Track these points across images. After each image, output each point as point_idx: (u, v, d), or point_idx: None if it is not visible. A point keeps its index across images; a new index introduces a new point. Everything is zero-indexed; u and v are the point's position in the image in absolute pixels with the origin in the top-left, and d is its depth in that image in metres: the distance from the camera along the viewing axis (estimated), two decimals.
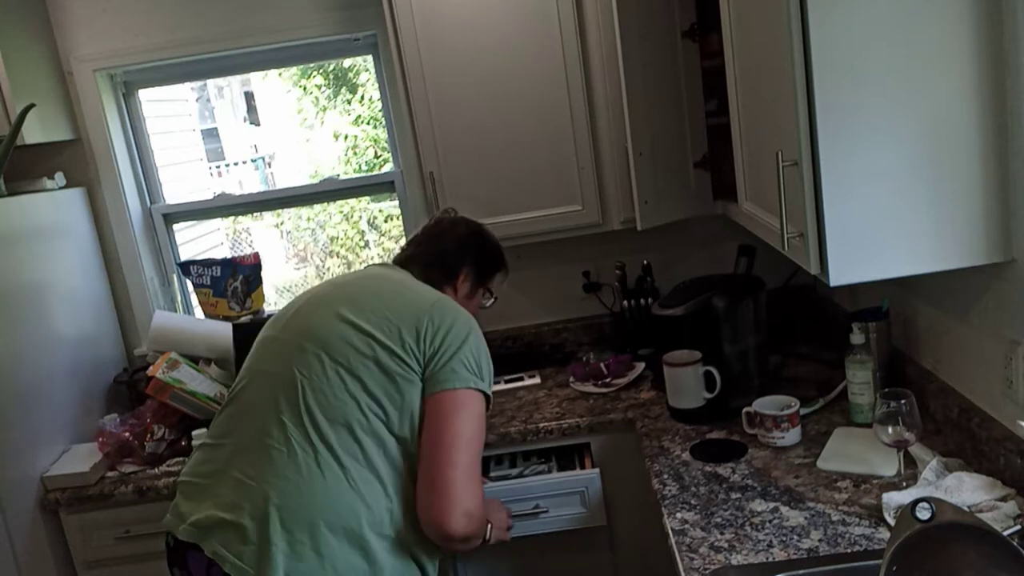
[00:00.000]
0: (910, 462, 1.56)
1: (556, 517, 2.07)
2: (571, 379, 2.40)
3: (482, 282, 1.82)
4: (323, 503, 1.40)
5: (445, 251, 1.76)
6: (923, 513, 1.15)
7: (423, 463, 1.46)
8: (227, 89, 8.38)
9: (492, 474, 2.15)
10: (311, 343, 1.52)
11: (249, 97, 8.73)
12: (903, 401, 1.46)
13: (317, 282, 1.83)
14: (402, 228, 2.82)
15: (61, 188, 2.55)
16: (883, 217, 1.33)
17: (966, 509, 1.26)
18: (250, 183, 7.78)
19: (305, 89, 7.47)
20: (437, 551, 1.53)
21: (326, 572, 1.38)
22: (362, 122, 7.05)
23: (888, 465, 1.58)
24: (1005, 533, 1.19)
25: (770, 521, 1.48)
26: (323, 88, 7.42)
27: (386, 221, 6.77)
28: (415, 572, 1.50)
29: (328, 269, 7.09)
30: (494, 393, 2.19)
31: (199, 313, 2.81)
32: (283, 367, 1.52)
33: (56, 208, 2.47)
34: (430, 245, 1.77)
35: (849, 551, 1.35)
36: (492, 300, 1.86)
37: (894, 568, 1.13)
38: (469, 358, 1.51)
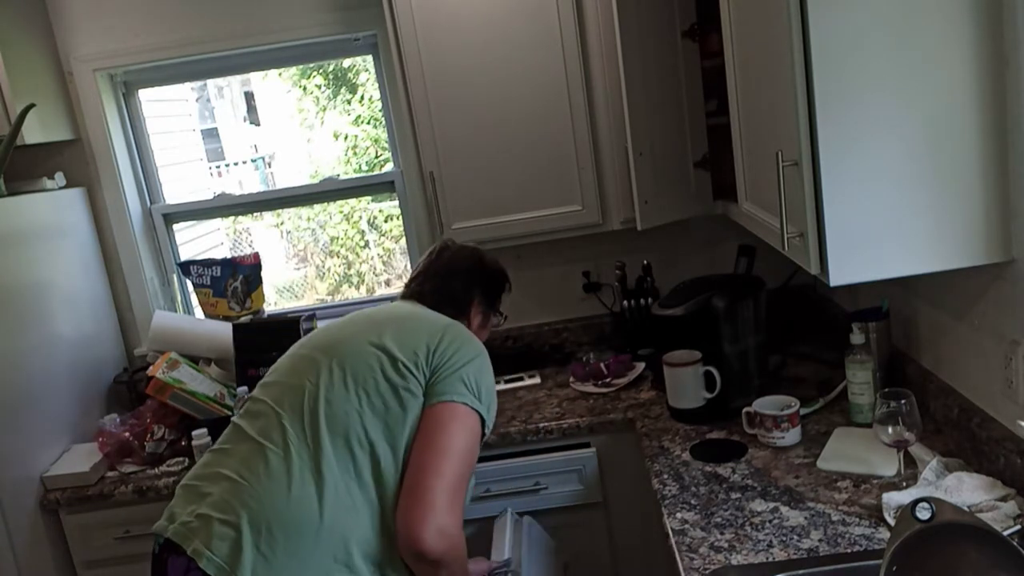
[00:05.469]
0: (910, 462, 1.56)
1: (555, 493, 2.13)
2: (571, 379, 2.40)
3: (492, 308, 1.85)
4: (308, 509, 1.39)
5: (453, 288, 1.77)
6: (923, 513, 1.15)
7: (410, 469, 1.45)
8: (227, 89, 8.37)
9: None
10: (324, 355, 1.56)
11: (249, 97, 8.71)
12: (903, 401, 1.46)
13: (317, 282, 1.85)
14: (402, 228, 2.82)
15: (61, 188, 2.56)
16: (883, 217, 1.34)
17: (966, 509, 1.26)
18: (250, 183, 7.77)
19: (305, 89, 7.46)
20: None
21: None
22: (362, 122, 7.04)
23: (888, 465, 1.58)
24: (1005, 533, 1.19)
25: (770, 521, 1.48)
26: (323, 88, 7.41)
27: (386, 221, 6.76)
28: None
29: (328, 269, 7.09)
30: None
31: (199, 313, 2.81)
32: (294, 377, 1.55)
33: (56, 208, 2.47)
34: (436, 282, 1.78)
35: (849, 551, 1.35)
36: (502, 319, 1.89)
37: (894, 568, 1.13)
38: (470, 378, 1.52)
